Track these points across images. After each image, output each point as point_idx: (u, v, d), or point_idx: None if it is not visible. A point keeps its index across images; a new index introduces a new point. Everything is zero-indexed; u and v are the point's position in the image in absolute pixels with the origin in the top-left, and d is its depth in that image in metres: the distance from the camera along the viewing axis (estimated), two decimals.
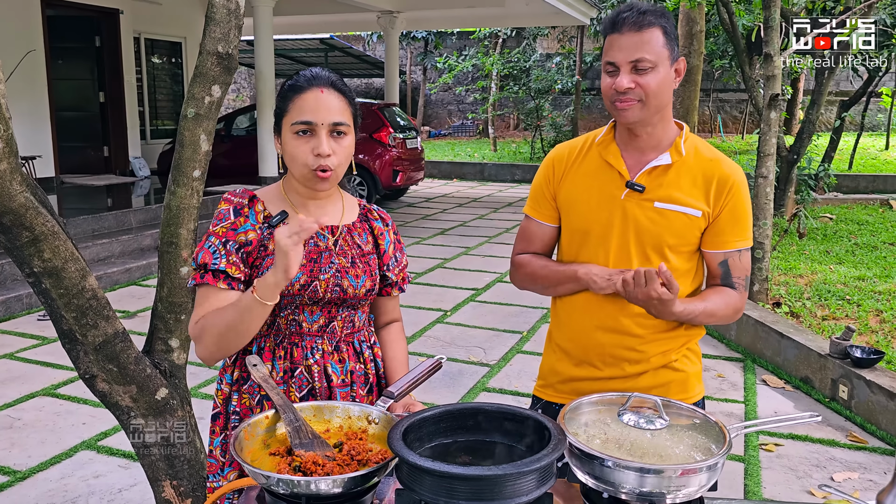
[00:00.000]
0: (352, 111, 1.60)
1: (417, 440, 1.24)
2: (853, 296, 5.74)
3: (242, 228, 1.57)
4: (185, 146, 2.59)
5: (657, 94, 1.64)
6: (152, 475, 2.71)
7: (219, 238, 1.55)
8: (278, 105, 1.61)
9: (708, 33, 15.56)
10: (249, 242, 1.56)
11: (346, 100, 1.59)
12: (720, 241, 1.74)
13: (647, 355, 1.78)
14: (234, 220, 1.57)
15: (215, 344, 1.51)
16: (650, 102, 1.65)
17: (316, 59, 19.76)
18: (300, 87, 1.56)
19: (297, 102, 1.55)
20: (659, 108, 1.68)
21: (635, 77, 1.63)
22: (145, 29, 11.30)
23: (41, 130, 9.42)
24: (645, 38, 1.62)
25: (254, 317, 1.45)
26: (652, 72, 1.62)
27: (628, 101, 1.64)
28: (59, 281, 2.39)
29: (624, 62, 1.63)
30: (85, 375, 2.62)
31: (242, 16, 2.63)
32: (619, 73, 1.64)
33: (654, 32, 1.62)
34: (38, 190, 2.39)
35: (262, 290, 1.42)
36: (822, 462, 3.50)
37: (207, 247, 1.55)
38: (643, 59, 1.61)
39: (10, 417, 3.89)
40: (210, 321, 1.50)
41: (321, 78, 1.58)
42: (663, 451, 1.24)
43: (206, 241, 1.56)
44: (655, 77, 1.63)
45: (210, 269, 1.53)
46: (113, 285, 6.52)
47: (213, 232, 1.56)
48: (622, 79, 1.63)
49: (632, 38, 1.62)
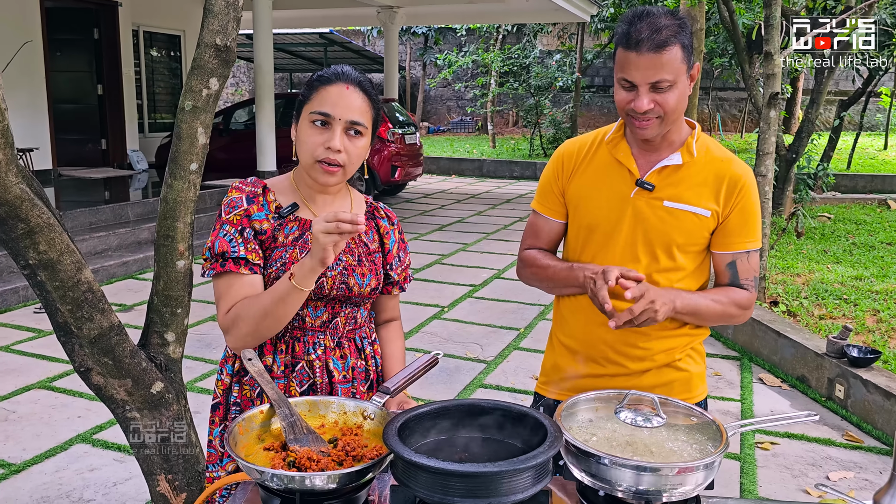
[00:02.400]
0: (372, 114, 1.60)
1: (413, 436, 1.24)
2: (850, 295, 5.74)
3: (257, 216, 1.57)
4: (183, 139, 2.57)
5: (675, 109, 1.61)
6: (147, 469, 2.70)
7: (234, 226, 1.54)
8: (303, 93, 1.61)
9: (708, 31, 15.53)
10: (264, 231, 1.56)
11: (369, 101, 1.58)
12: (729, 241, 1.73)
13: (651, 353, 1.77)
14: (247, 207, 1.57)
15: (251, 332, 1.51)
16: (668, 118, 1.62)
17: (315, 53, 19.71)
18: (327, 79, 1.57)
19: (321, 93, 1.55)
20: (677, 119, 1.67)
21: (654, 96, 1.58)
22: (144, 22, 11.26)
23: (39, 122, 9.39)
24: (665, 59, 1.55)
25: (291, 302, 1.46)
26: (671, 89, 1.58)
27: (648, 119, 1.61)
28: (55, 273, 2.38)
29: (643, 83, 1.58)
30: (80, 369, 2.61)
31: (241, 8, 2.61)
32: (635, 90, 1.59)
33: (674, 51, 1.55)
34: (34, 182, 2.37)
35: (300, 277, 1.43)
36: (817, 461, 3.50)
37: (223, 235, 1.54)
38: (663, 80, 1.56)
39: (6, 410, 3.88)
40: (245, 309, 1.50)
41: (349, 75, 1.58)
42: (660, 450, 1.23)
43: (220, 231, 1.55)
44: (674, 94, 1.59)
45: (230, 256, 1.52)
46: (110, 278, 6.50)
47: (226, 221, 1.56)
48: (642, 100, 1.58)
49: (651, 60, 1.55)
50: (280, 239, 1.57)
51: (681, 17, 1.61)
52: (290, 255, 1.55)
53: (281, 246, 1.56)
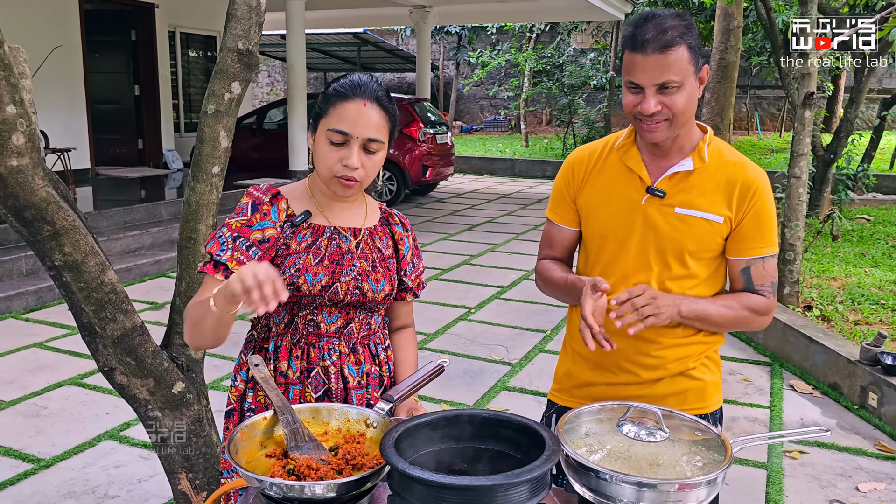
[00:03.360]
0: (389, 128, 1.59)
1: (412, 446, 1.23)
2: (888, 300, 5.60)
3: (259, 226, 1.56)
4: (205, 142, 2.61)
5: (684, 111, 1.59)
6: (169, 468, 2.74)
7: (231, 231, 1.55)
8: (320, 104, 1.59)
9: (746, 29, 15.28)
10: (266, 240, 1.56)
11: (386, 116, 1.57)
12: (743, 247, 1.69)
13: (664, 361, 1.74)
14: (250, 216, 1.57)
15: (189, 335, 1.51)
16: (677, 120, 1.60)
17: (349, 53, 19.82)
18: (345, 95, 1.54)
19: (339, 109, 1.53)
20: (686, 122, 1.63)
21: (661, 98, 1.56)
22: (180, 23, 11.43)
23: (77, 123, 9.59)
24: (671, 60, 1.53)
25: (209, 322, 1.40)
26: (678, 91, 1.56)
27: (656, 122, 1.59)
28: (79, 274, 2.43)
29: (649, 84, 1.56)
30: (104, 368, 2.67)
31: (264, 13, 2.63)
32: (643, 92, 1.57)
33: (680, 51, 1.54)
34: (59, 184, 2.43)
35: (217, 298, 1.36)
36: (847, 471, 3.41)
37: (218, 236, 1.55)
38: (670, 81, 1.54)
39: (37, 406, 3.97)
40: (189, 311, 1.50)
41: (367, 89, 1.55)
42: (663, 465, 1.21)
43: (218, 231, 1.56)
44: (682, 95, 1.57)
45: (213, 259, 1.54)
46: (142, 277, 6.62)
47: (227, 223, 1.57)
48: (649, 102, 1.56)
49: (657, 61, 1.53)
50: (293, 246, 1.58)
51: (687, 18, 1.58)
52: (304, 262, 1.56)
53: (294, 253, 1.57)
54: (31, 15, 8.75)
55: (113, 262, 6.63)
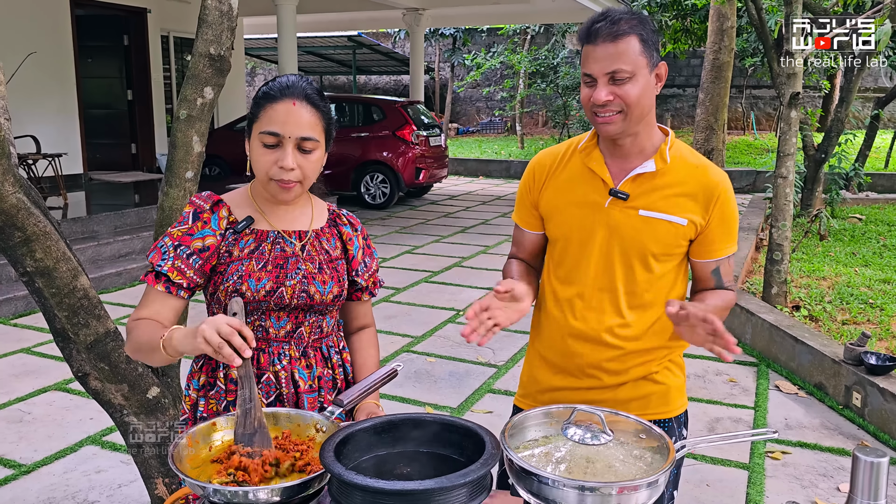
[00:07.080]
0: (324, 125, 1.57)
1: (356, 451, 1.23)
2: (877, 299, 5.59)
3: (199, 234, 1.56)
4: (178, 147, 2.61)
5: (637, 103, 1.60)
6: (145, 472, 2.74)
7: (172, 240, 1.55)
8: (251, 110, 1.58)
9: (741, 29, 15.28)
10: (206, 248, 1.55)
11: (318, 114, 1.55)
12: (712, 249, 1.71)
13: (627, 366, 1.74)
14: (191, 224, 1.56)
15: (132, 352, 1.55)
16: (632, 113, 1.61)
17: (344, 56, 19.85)
18: (273, 96, 1.53)
19: (268, 111, 1.52)
20: (641, 116, 1.64)
21: (613, 88, 1.58)
22: (173, 27, 11.44)
23: (70, 128, 9.60)
24: (620, 49, 1.56)
25: (157, 357, 1.45)
26: (630, 81, 1.58)
27: (609, 113, 1.60)
28: (51, 280, 2.43)
29: (600, 74, 1.58)
30: (78, 373, 2.67)
31: (235, 18, 2.63)
32: (596, 84, 1.60)
33: (630, 41, 1.57)
34: (31, 191, 2.43)
35: (170, 341, 1.40)
36: (829, 471, 3.41)
37: (160, 246, 1.55)
38: (620, 70, 1.56)
39: (21, 411, 3.97)
40: (136, 330, 1.50)
41: (295, 89, 1.54)
42: (607, 467, 1.21)
43: (161, 240, 1.56)
44: (634, 87, 1.58)
45: (154, 269, 1.53)
46: (132, 281, 6.62)
47: (169, 233, 1.56)
48: (600, 91, 1.58)
49: (607, 49, 1.57)
50: (235, 253, 1.57)
51: (642, 15, 1.62)
52: (247, 268, 1.55)
53: (237, 260, 1.56)
54: (23, 20, 8.76)
55: (104, 267, 6.65)
